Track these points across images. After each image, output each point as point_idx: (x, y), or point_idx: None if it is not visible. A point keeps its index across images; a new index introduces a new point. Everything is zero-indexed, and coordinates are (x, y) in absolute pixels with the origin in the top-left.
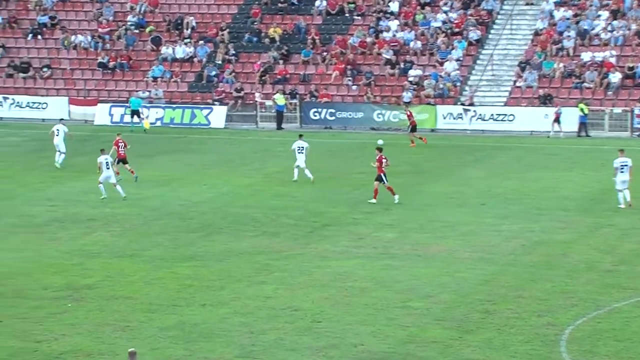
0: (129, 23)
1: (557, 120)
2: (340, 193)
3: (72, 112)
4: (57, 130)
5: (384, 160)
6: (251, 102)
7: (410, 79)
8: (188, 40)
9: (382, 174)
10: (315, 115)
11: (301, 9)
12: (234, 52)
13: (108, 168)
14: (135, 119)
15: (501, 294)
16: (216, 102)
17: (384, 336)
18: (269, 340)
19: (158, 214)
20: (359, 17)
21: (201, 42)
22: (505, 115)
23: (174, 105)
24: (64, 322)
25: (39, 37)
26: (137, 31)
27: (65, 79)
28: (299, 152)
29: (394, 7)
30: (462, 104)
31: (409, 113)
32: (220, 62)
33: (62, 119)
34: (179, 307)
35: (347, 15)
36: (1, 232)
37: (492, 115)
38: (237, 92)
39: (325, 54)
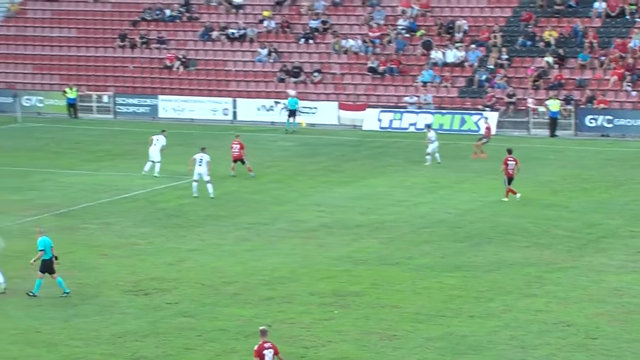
0: (399, 27)
1: None
2: (618, 204)
3: (341, 117)
4: (157, 140)
5: (509, 162)
6: (523, 108)
7: None
8: (459, 44)
9: (506, 177)
10: (591, 122)
11: (579, 11)
12: (506, 56)
13: (200, 165)
14: (291, 119)
15: None
16: (487, 108)
17: None
18: (540, 356)
19: (426, 221)
20: None
21: (473, 46)
22: None
23: (444, 111)
24: (330, 328)
25: (311, 41)
26: (407, 35)
27: (335, 84)
28: (431, 142)
29: None
30: None
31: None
32: (492, 66)
33: (164, 130)
34: (446, 318)
35: (627, 17)
36: (272, 236)
37: None
38: (509, 98)
39: (603, 58)
